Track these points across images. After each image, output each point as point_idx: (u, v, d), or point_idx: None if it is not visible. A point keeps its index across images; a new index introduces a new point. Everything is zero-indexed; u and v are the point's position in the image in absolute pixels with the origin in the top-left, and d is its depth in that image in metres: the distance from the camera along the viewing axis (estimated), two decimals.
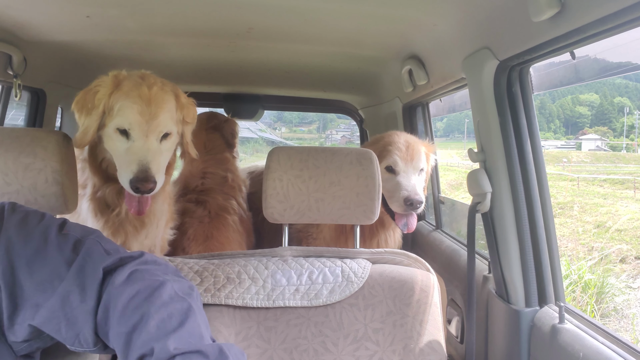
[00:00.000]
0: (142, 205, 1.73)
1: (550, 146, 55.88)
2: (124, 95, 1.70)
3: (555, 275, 1.65)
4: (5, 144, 1.52)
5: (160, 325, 1.05)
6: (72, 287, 1.11)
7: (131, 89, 1.72)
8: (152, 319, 1.05)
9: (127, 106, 1.69)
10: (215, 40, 2.24)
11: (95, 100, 1.71)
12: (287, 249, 1.74)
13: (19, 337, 1.15)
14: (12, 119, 2.66)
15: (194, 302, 1.14)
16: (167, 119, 1.74)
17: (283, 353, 1.57)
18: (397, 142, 2.28)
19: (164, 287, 1.12)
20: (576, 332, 1.41)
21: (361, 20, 1.91)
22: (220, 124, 2.81)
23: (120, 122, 1.69)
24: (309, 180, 1.69)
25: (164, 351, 1.01)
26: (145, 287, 1.11)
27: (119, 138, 1.70)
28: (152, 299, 1.09)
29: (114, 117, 1.70)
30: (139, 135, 1.69)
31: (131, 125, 1.68)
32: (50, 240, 1.18)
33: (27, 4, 1.78)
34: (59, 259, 1.15)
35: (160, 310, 1.07)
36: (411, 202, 2.12)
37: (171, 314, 1.07)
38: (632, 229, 15.26)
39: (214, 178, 2.54)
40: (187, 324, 1.07)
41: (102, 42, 2.27)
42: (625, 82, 68.46)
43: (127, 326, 1.06)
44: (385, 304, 1.63)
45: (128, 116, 1.68)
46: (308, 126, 66.11)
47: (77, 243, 1.19)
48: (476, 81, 1.69)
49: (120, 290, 1.10)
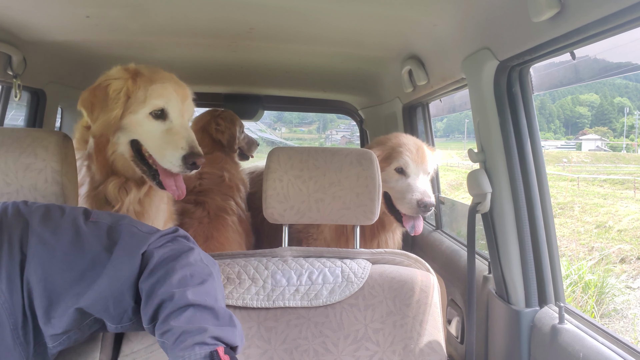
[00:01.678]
0: (181, 187, 1.78)
1: (550, 146, 55.92)
2: (149, 80, 1.74)
3: (555, 276, 1.65)
4: (6, 144, 1.52)
5: (182, 279, 1.17)
6: (121, 264, 1.19)
7: (153, 73, 1.76)
8: (176, 274, 1.17)
9: (160, 87, 1.74)
10: (215, 40, 2.24)
11: (110, 93, 1.72)
12: (287, 249, 1.74)
13: (59, 329, 1.18)
14: (12, 119, 2.66)
15: (215, 270, 1.27)
16: (192, 103, 1.85)
17: (283, 353, 1.57)
18: (407, 144, 2.27)
19: (192, 252, 1.25)
20: (576, 332, 1.41)
21: (361, 20, 1.91)
22: (209, 122, 2.80)
23: (157, 104, 1.72)
24: (309, 180, 1.69)
25: (182, 298, 1.13)
26: (176, 250, 1.24)
27: (154, 122, 1.73)
28: (180, 259, 1.22)
29: (146, 101, 1.72)
30: (176, 114, 1.75)
31: (169, 103, 1.74)
32: (82, 230, 1.23)
33: (27, 4, 1.78)
34: (96, 247, 1.20)
35: (184, 268, 1.19)
36: (425, 205, 2.12)
37: (193, 273, 1.20)
38: (633, 229, 15.26)
39: (211, 178, 2.54)
40: (206, 285, 1.19)
41: (102, 42, 2.27)
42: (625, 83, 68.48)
43: (153, 279, 1.17)
44: (385, 305, 1.63)
45: (165, 95, 1.73)
46: (308, 126, 66.09)
47: (110, 230, 1.25)
48: (476, 81, 1.69)
49: (155, 252, 1.22)
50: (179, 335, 1.10)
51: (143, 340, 1.46)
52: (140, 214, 1.88)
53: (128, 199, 1.82)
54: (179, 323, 1.11)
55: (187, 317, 1.12)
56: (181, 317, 1.12)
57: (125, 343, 1.46)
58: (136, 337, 1.46)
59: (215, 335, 1.11)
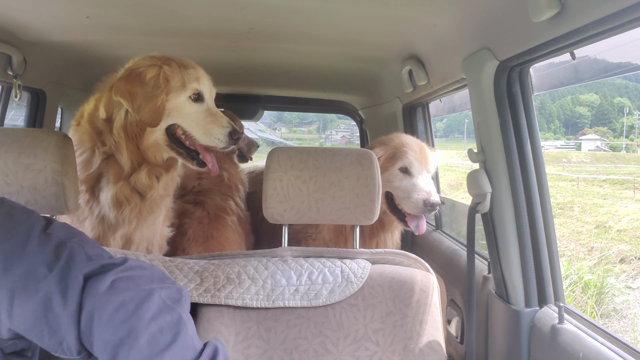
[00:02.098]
0: (215, 164, 1.90)
1: (550, 146, 55.95)
2: (182, 65, 1.83)
3: (554, 276, 1.65)
4: (6, 144, 1.52)
5: (152, 342, 1.01)
6: (54, 293, 1.06)
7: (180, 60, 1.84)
8: (142, 335, 1.01)
9: (194, 72, 1.84)
10: (215, 40, 2.24)
11: (148, 80, 1.74)
12: (286, 250, 1.73)
13: (3, 335, 1.10)
14: (12, 119, 2.66)
15: (183, 310, 1.10)
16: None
17: (283, 353, 1.57)
18: (411, 144, 2.27)
19: (151, 298, 1.07)
20: (576, 332, 1.41)
21: (361, 20, 1.91)
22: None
23: (195, 87, 1.82)
24: (309, 180, 1.69)
25: None
26: (131, 297, 1.06)
27: (194, 105, 1.83)
28: (140, 312, 1.04)
29: (186, 86, 1.80)
30: (209, 96, 1.88)
31: (204, 87, 1.85)
32: (32, 237, 1.12)
33: (27, 4, 1.78)
34: (37, 259, 1.09)
35: (150, 325, 1.03)
36: (431, 204, 2.13)
37: (162, 329, 1.04)
38: (632, 229, 15.27)
39: (211, 178, 2.54)
40: (180, 338, 1.04)
41: (102, 42, 2.27)
42: (625, 83, 68.51)
43: (113, 339, 1.02)
44: (385, 305, 1.63)
45: (200, 80, 1.84)
46: (308, 126, 66.10)
47: (59, 245, 1.13)
48: (476, 81, 1.69)
49: (104, 300, 1.05)
50: None
51: None
52: (163, 197, 1.97)
53: (159, 185, 1.89)
54: None
55: None
56: None
57: None
58: None
59: None
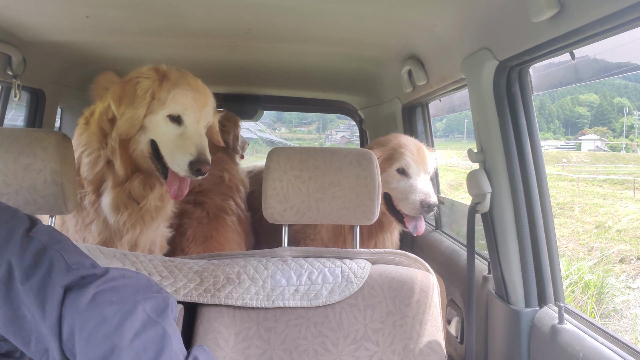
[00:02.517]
0: (182, 189, 1.83)
1: (550, 146, 55.96)
2: (174, 84, 1.81)
3: (554, 276, 1.65)
4: (5, 144, 1.52)
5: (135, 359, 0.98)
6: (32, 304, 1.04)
7: (179, 78, 1.83)
8: (126, 354, 0.98)
9: (181, 93, 1.80)
10: (214, 40, 2.24)
11: (138, 91, 1.77)
12: (286, 250, 1.73)
13: None
14: (12, 119, 2.66)
15: (167, 323, 1.07)
16: (211, 110, 1.91)
17: (283, 353, 1.56)
18: (409, 145, 2.27)
19: (135, 312, 1.04)
20: (576, 332, 1.41)
21: (361, 20, 1.91)
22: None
23: (174, 109, 1.79)
24: (309, 180, 1.69)
25: None
26: (114, 312, 1.03)
27: (170, 125, 1.80)
28: (123, 328, 1.01)
29: (166, 104, 1.79)
30: (192, 120, 1.81)
31: (185, 111, 1.80)
32: (14, 239, 1.09)
33: (27, 4, 1.78)
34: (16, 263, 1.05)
35: (133, 343, 1.00)
36: (428, 205, 2.13)
37: (146, 346, 1.01)
38: (632, 229, 15.27)
39: (211, 178, 2.53)
40: (164, 355, 1.01)
41: (102, 42, 2.27)
42: (624, 83, 68.54)
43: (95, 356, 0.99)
44: (385, 305, 1.63)
45: (183, 102, 1.80)
46: (308, 126, 66.10)
47: (40, 251, 1.09)
48: (476, 81, 1.69)
49: (86, 316, 1.02)
50: None
51: None
52: (159, 209, 1.97)
53: (152, 195, 1.90)
54: None
55: None
56: None
57: None
58: None
59: None
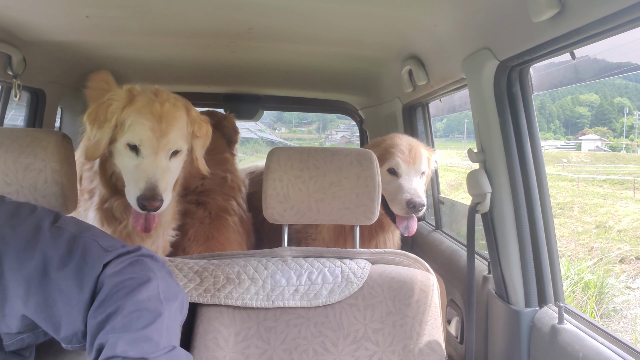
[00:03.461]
0: (149, 223, 1.72)
1: (550, 146, 55.92)
2: (136, 111, 1.69)
3: (554, 276, 1.65)
4: (5, 144, 1.52)
5: (126, 322, 1.07)
6: (70, 286, 1.12)
7: (144, 105, 1.70)
8: (122, 317, 1.07)
9: (138, 122, 1.67)
10: (215, 40, 2.24)
11: (108, 114, 1.69)
12: (286, 250, 1.73)
13: (13, 329, 1.14)
14: (12, 119, 2.66)
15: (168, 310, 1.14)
16: (177, 137, 1.72)
17: (283, 353, 1.57)
18: (400, 145, 2.27)
19: (148, 284, 1.14)
20: (576, 332, 1.41)
21: (361, 20, 1.91)
22: (220, 122, 2.81)
23: (130, 138, 1.67)
24: (309, 180, 1.69)
25: (111, 348, 1.03)
26: (131, 279, 1.13)
27: (129, 154, 1.68)
28: (132, 294, 1.11)
29: (125, 132, 1.68)
30: (148, 152, 1.67)
31: (142, 141, 1.66)
32: (42, 232, 1.17)
33: (27, 4, 1.78)
34: (50, 253, 1.14)
35: (133, 307, 1.09)
36: (414, 205, 2.12)
37: (140, 314, 1.09)
38: (632, 229, 15.27)
39: (214, 179, 2.54)
40: (150, 328, 1.08)
41: (102, 42, 2.27)
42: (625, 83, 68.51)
43: (100, 316, 1.08)
44: (385, 305, 1.63)
45: (139, 132, 1.66)
46: (308, 126, 66.08)
47: (72, 239, 1.18)
48: (476, 81, 1.69)
49: (109, 281, 1.12)
50: None
51: None
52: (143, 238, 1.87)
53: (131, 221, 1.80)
54: None
55: None
56: None
57: None
58: None
59: None
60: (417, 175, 2.25)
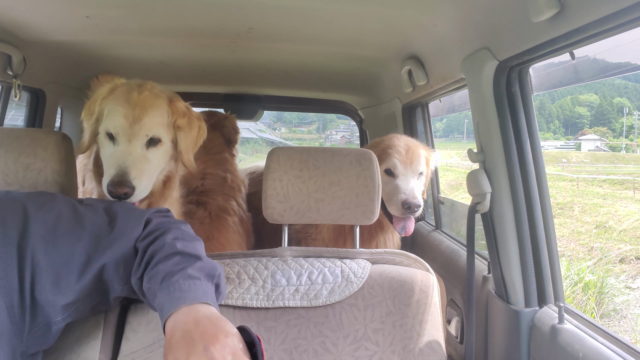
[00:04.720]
0: None
1: (550, 146, 55.96)
2: (114, 99, 1.68)
3: (554, 276, 1.65)
4: (6, 144, 1.53)
5: (174, 237, 1.29)
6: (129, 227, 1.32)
7: (122, 93, 1.69)
8: (170, 233, 1.31)
9: (113, 110, 1.65)
10: (215, 40, 2.24)
11: (96, 107, 1.70)
12: (286, 249, 1.74)
13: (70, 297, 1.22)
14: (12, 119, 2.66)
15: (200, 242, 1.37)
16: (152, 124, 1.68)
17: (283, 353, 1.57)
18: (397, 146, 2.27)
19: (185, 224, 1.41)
20: (576, 332, 1.41)
21: (361, 20, 1.91)
22: (220, 121, 2.81)
23: (107, 126, 1.65)
24: (309, 180, 1.69)
25: (172, 247, 1.25)
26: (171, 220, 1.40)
27: (108, 143, 1.66)
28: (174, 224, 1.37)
29: (103, 121, 1.68)
30: (123, 139, 1.64)
31: (116, 128, 1.64)
32: (78, 208, 1.32)
33: (27, 4, 1.78)
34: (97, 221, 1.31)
35: (177, 230, 1.33)
36: (409, 206, 2.12)
37: (184, 235, 1.32)
38: (632, 229, 15.27)
39: (214, 179, 2.54)
40: (195, 243, 1.32)
41: (102, 42, 2.27)
42: (624, 83, 68.54)
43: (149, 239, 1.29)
44: (385, 304, 1.63)
45: (113, 119, 1.64)
46: (308, 126, 66.05)
47: (106, 209, 1.36)
48: (476, 81, 1.69)
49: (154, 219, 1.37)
50: (164, 275, 1.18)
51: (142, 341, 1.46)
52: None
53: None
54: (166, 267, 1.20)
55: (175, 261, 1.21)
56: (169, 262, 1.21)
57: (125, 343, 1.46)
58: (135, 337, 1.46)
59: (197, 270, 1.21)
60: (414, 176, 2.25)
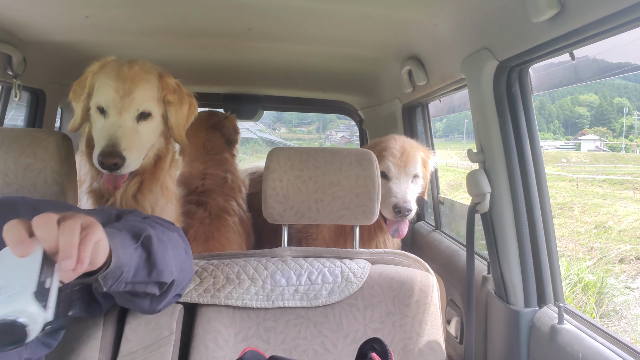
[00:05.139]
0: (117, 181, 1.73)
1: (550, 147, 55.95)
2: (104, 74, 1.73)
3: (554, 276, 1.65)
4: (5, 144, 1.53)
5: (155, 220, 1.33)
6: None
7: (112, 68, 1.74)
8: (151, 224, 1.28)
9: (104, 84, 1.70)
10: (214, 40, 2.24)
11: (87, 82, 1.75)
12: (286, 250, 1.74)
13: None
14: (12, 119, 2.66)
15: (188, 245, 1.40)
16: (143, 97, 1.72)
17: (282, 353, 1.57)
18: (392, 148, 2.26)
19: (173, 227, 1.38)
20: (575, 332, 1.41)
21: (361, 20, 1.91)
22: (220, 121, 2.81)
23: (97, 100, 1.70)
24: (309, 180, 1.69)
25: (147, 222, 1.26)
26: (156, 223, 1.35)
27: (99, 117, 1.71)
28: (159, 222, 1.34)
29: (94, 96, 1.72)
30: (113, 112, 1.68)
31: (107, 102, 1.69)
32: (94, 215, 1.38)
33: (27, 4, 1.78)
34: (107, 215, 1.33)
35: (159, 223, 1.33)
36: (399, 210, 2.11)
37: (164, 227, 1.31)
38: (632, 229, 15.27)
39: (214, 179, 2.54)
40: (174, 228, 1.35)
41: (102, 42, 2.27)
42: (624, 83, 68.56)
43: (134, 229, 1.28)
44: (385, 305, 1.63)
45: (104, 93, 1.69)
46: (308, 127, 66.06)
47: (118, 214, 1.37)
48: (476, 82, 1.69)
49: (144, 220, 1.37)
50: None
51: (142, 341, 1.46)
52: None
53: (119, 194, 1.81)
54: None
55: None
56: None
57: (124, 343, 1.46)
58: (135, 337, 1.46)
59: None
60: (407, 179, 2.23)
